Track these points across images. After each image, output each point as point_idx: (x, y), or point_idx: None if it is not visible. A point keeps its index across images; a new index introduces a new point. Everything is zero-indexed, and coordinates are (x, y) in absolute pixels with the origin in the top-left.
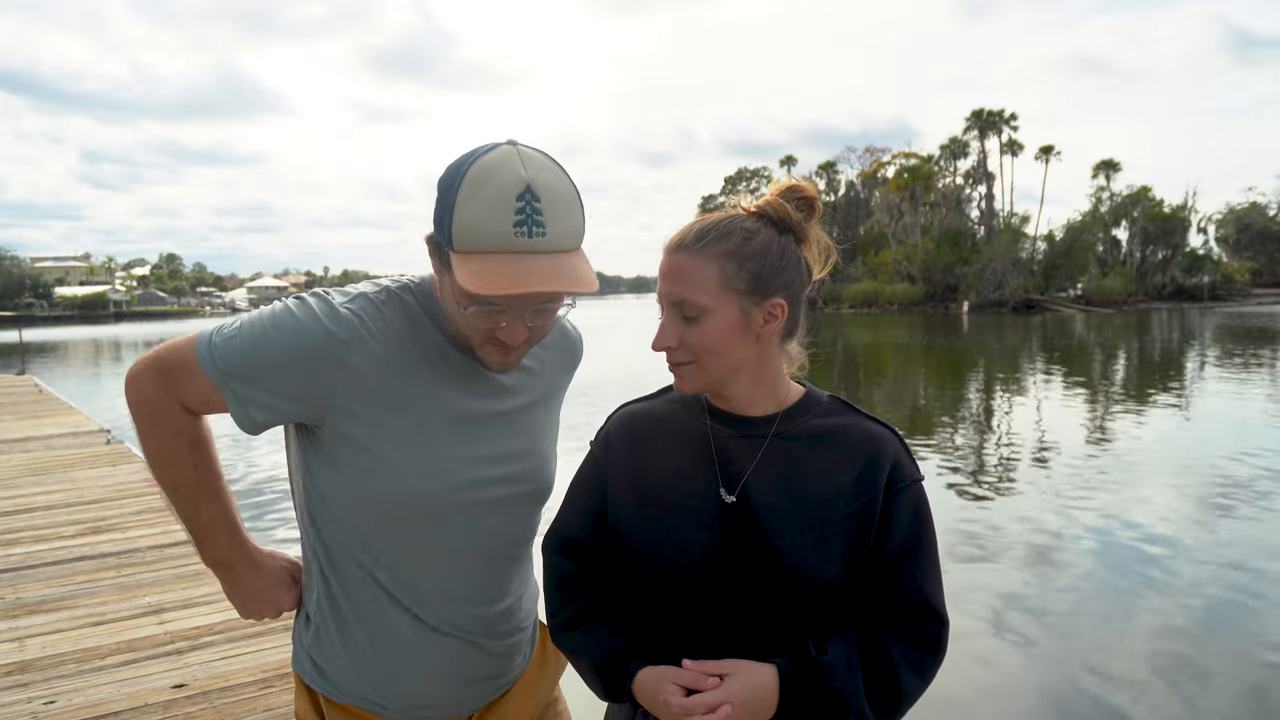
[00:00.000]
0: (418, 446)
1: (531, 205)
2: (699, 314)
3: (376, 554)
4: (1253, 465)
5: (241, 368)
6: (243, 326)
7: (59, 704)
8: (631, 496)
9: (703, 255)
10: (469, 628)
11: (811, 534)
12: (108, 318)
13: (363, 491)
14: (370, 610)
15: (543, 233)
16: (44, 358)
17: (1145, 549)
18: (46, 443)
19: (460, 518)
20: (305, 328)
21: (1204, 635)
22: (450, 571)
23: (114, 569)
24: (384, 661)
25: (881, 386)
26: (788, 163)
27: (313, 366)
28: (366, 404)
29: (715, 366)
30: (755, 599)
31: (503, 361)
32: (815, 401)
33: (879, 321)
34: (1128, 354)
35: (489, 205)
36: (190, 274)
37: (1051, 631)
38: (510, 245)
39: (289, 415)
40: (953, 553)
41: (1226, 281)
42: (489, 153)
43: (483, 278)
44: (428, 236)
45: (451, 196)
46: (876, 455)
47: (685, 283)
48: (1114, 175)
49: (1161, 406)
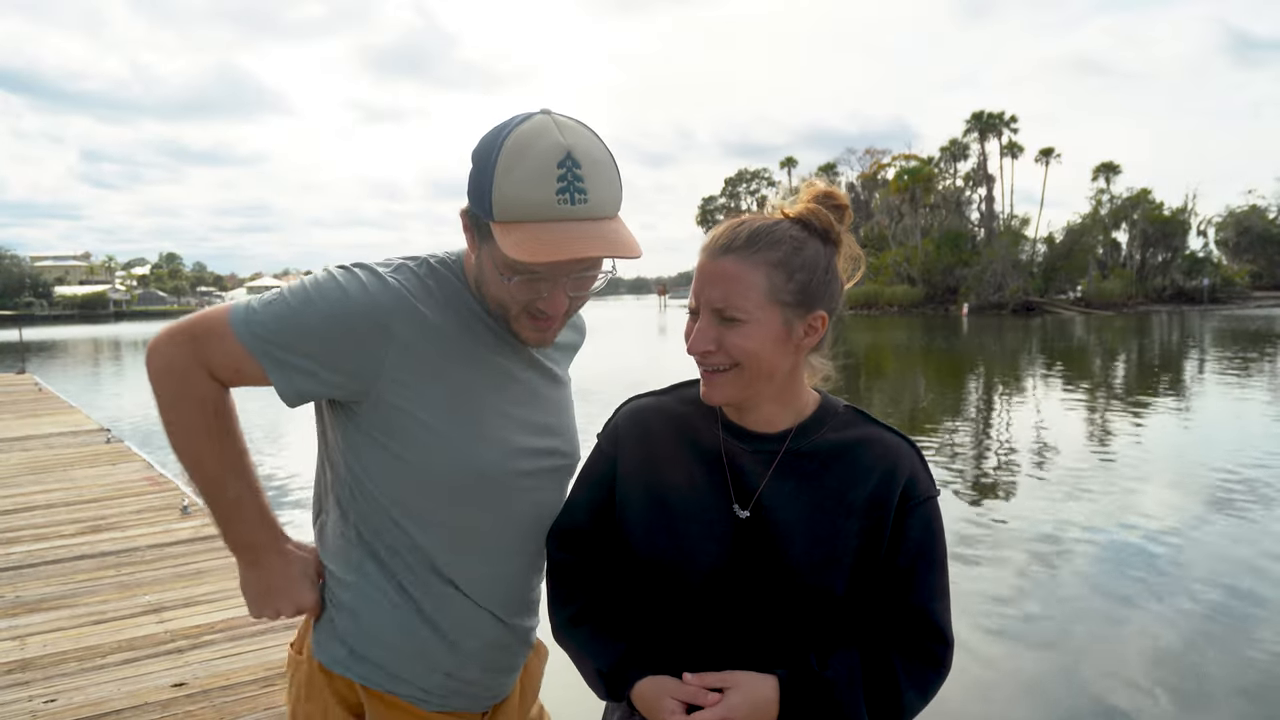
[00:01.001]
0: (467, 416)
1: (573, 172)
2: (741, 321)
3: (423, 528)
4: (1252, 467)
5: (281, 334)
6: (283, 293)
7: (59, 702)
8: (641, 496)
9: (752, 262)
10: (506, 604)
11: (822, 549)
12: (108, 317)
13: (411, 463)
14: (417, 586)
15: (584, 199)
16: (44, 357)
17: (1145, 550)
18: (46, 441)
19: (505, 489)
20: (351, 295)
21: (1204, 637)
22: (494, 543)
23: (114, 568)
24: (432, 639)
25: (881, 388)
26: (788, 164)
27: (361, 334)
28: (415, 373)
29: (753, 374)
30: (762, 610)
31: (540, 336)
32: (831, 413)
33: (879, 323)
34: (1127, 356)
35: (530, 173)
36: (190, 274)
37: (1051, 633)
38: (554, 213)
39: (332, 387)
40: (952, 553)
41: (1226, 284)
42: (524, 122)
43: (528, 245)
44: (463, 211)
45: (490, 167)
46: (892, 471)
47: (731, 289)
48: (1114, 178)
49: (1161, 409)
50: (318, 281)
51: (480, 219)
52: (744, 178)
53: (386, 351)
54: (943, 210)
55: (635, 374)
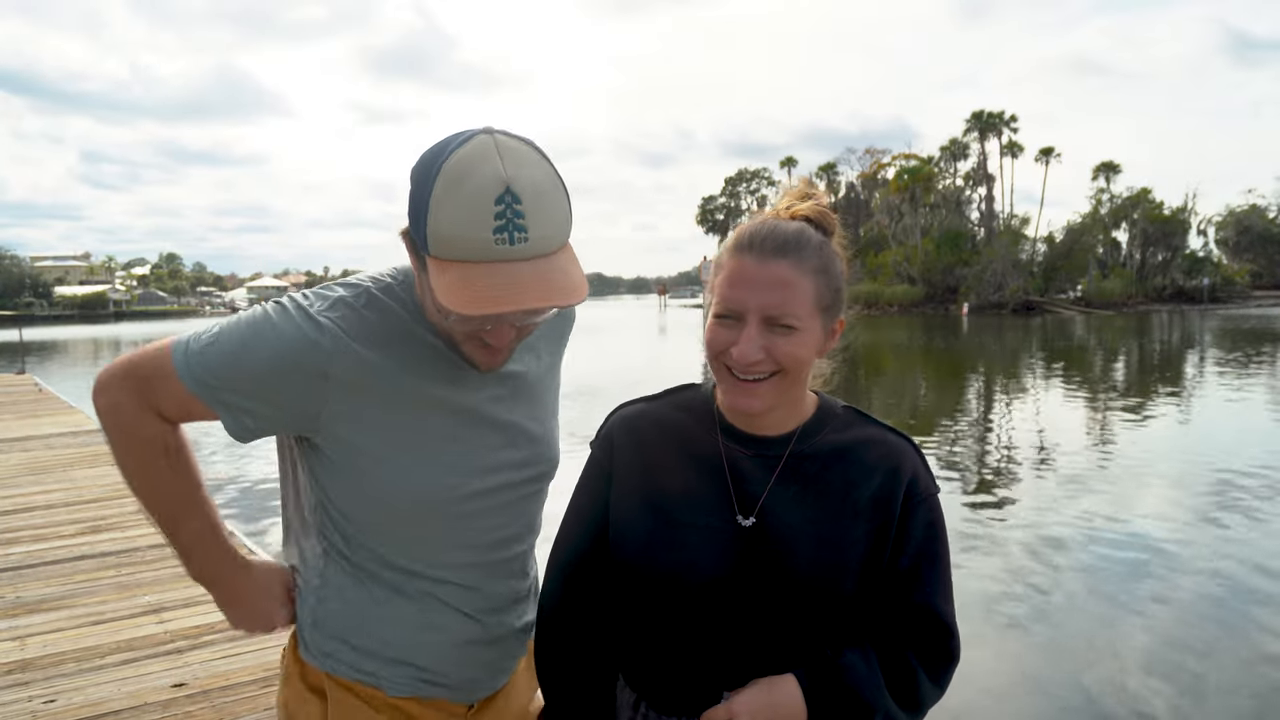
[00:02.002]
0: (415, 448)
1: (512, 209)
2: (794, 329)
3: (385, 541)
4: (1252, 466)
5: (224, 377)
6: (220, 335)
7: (59, 703)
8: (637, 506)
9: (803, 269)
10: (478, 608)
11: (829, 554)
12: (107, 317)
13: (366, 489)
14: (384, 588)
15: (525, 238)
16: (44, 357)
17: (1145, 550)
18: (46, 442)
19: (461, 513)
20: (285, 339)
21: (1204, 636)
22: (459, 558)
23: (114, 568)
24: (400, 636)
25: (881, 388)
26: (788, 164)
27: (297, 379)
28: (357, 410)
29: (792, 380)
30: (766, 619)
31: (489, 361)
32: (831, 415)
33: (879, 323)
34: (1128, 356)
35: (465, 210)
36: (190, 274)
37: (1050, 631)
38: (490, 254)
39: (280, 424)
40: (951, 553)
41: (1226, 284)
42: (464, 144)
43: (461, 294)
44: (403, 231)
45: (426, 195)
46: (895, 471)
47: (789, 296)
48: (1114, 177)
49: (1161, 408)
50: (254, 321)
51: (417, 248)
52: (744, 177)
53: (327, 392)
54: (943, 210)
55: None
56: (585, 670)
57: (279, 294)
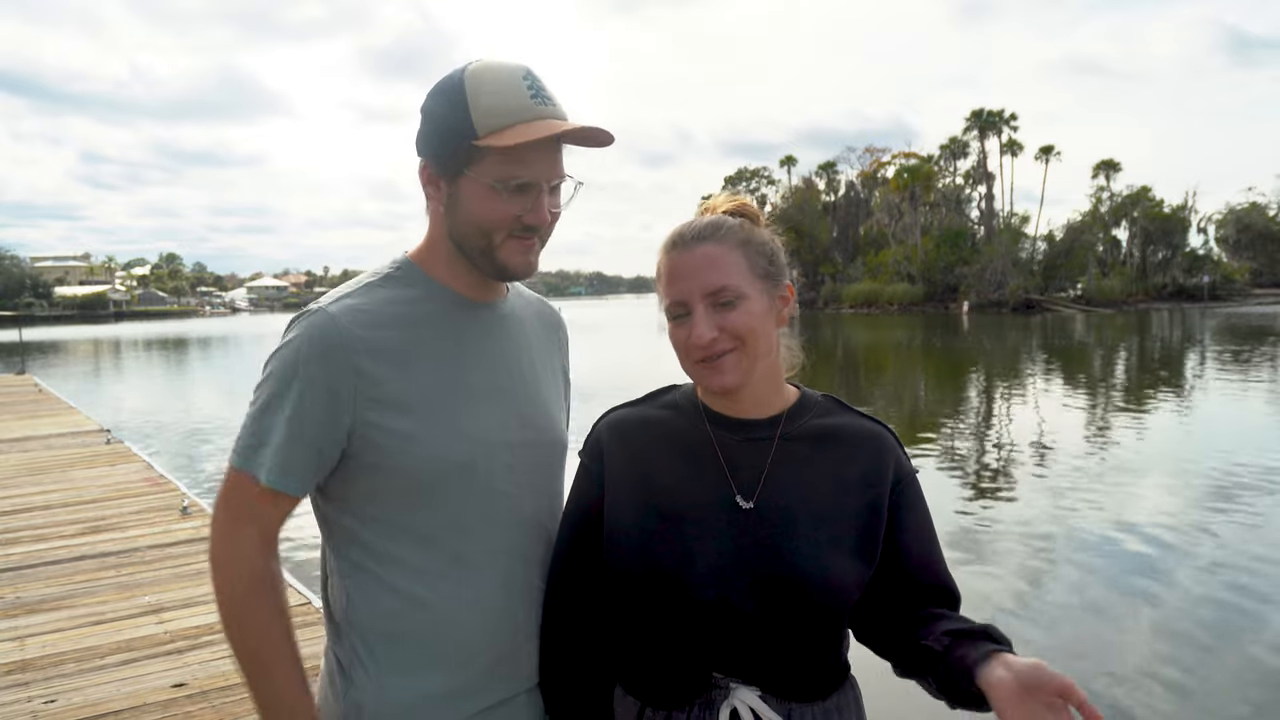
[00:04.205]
0: (443, 415)
1: (535, 84)
2: (737, 300)
3: (413, 532)
4: (1252, 465)
5: (296, 462)
6: (263, 416)
7: (59, 703)
8: (630, 508)
9: (725, 244)
10: (509, 587)
11: (825, 531)
12: (107, 317)
13: (394, 472)
14: (420, 578)
15: (552, 104)
16: (44, 357)
17: (1144, 549)
18: (46, 442)
19: (490, 481)
20: (310, 363)
21: (1203, 635)
22: (486, 535)
23: (114, 568)
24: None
25: (882, 387)
26: (788, 163)
27: (335, 391)
28: (386, 390)
29: (753, 351)
30: (772, 603)
31: (526, 259)
32: (812, 402)
33: (879, 322)
34: (1128, 354)
35: (502, 86)
36: (190, 274)
37: (1049, 631)
38: (534, 112)
39: (338, 446)
40: (951, 553)
41: (1226, 282)
42: (469, 65)
43: (522, 134)
44: (422, 166)
45: (459, 96)
46: (879, 451)
47: (720, 270)
48: (1114, 175)
49: (1161, 406)
50: (281, 377)
51: (457, 150)
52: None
53: (359, 383)
54: (942, 208)
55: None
56: (585, 678)
57: (279, 294)
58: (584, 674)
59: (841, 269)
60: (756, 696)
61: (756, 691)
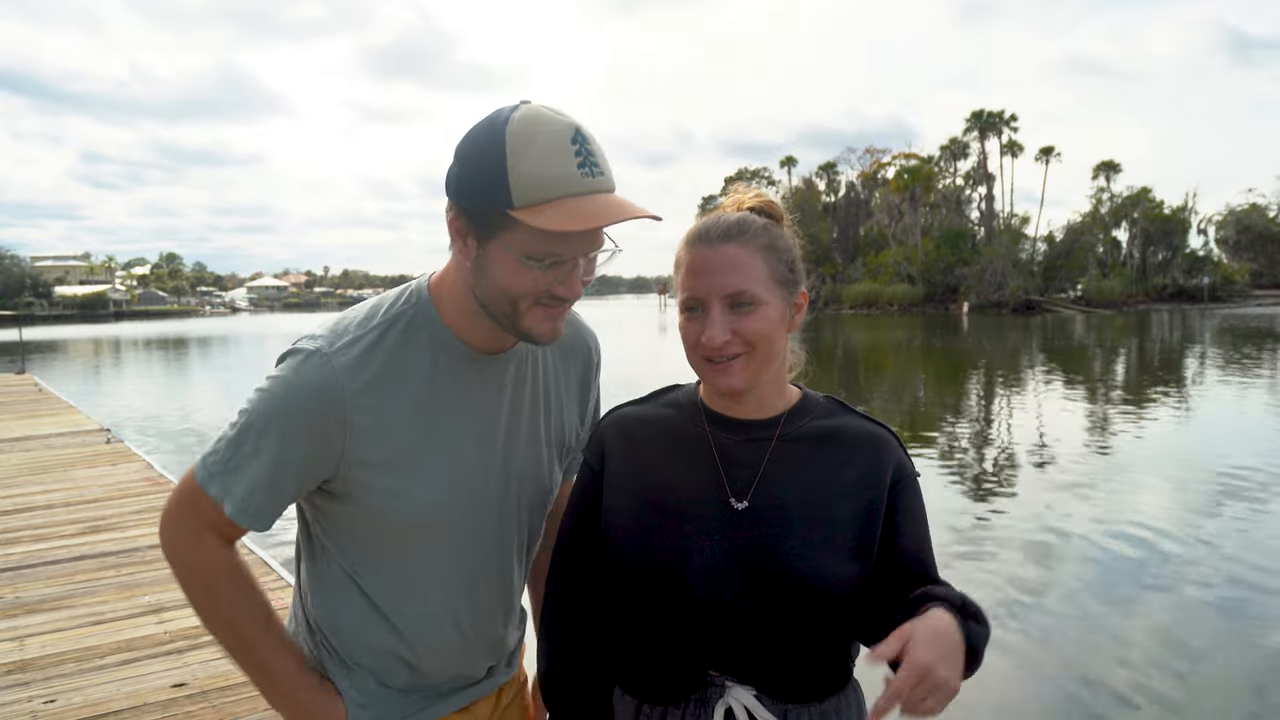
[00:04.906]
0: (430, 473)
1: (585, 148)
2: (753, 305)
3: (383, 560)
4: (1252, 465)
5: (262, 497)
6: (242, 442)
7: (59, 703)
8: (628, 504)
9: (750, 247)
10: (473, 623)
11: (820, 532)
12: (108, 317)
13: (378, 521)
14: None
15: (600, 172)
16: (44, 357)
17: (1144, 548)
18: (46, 442)
19: (471, 528)
20: (300, 408)
21: (1202, 634)
22: (458, 572)
23: (114, 568)
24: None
25: (881, 387)
26: (788, 163)
27: (321, 436)
28: (378, 444)
29: (765, 356)
30: (764, 603)
31: (553, 326)
32: (814, 403)
33: (879, 322)
34: (1128, 355)
35: (547, 151)
36: (190, 274)
37: (1049, 630)
38: (580, 186)
39: (309, 486)
40: (951, 552)
41: (1226, 283)
42: (517, 109)
43: (565, 218)
44: (454, 214)
45: (500, 154)
46: (879, 453)
47: (741, 274)
48: (1114, 176)
49: (1161, 407)
50: (268, 413)
51: (490, 213)
52: (744, 176)
53: (347, 439)
54: (943, 209)
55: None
56: (587, 676)
57: (279, 294)
58: (586, 672)
59: (841, 270)
60: (752, 696)
61: (752, 691)
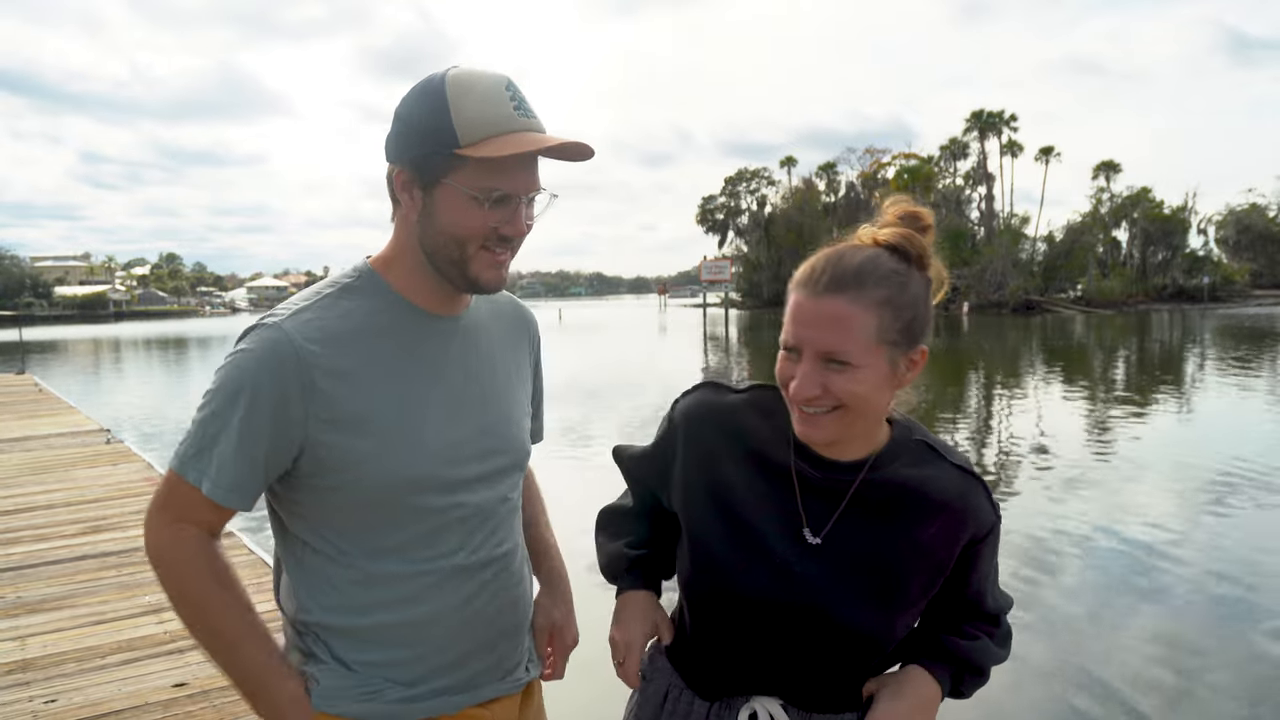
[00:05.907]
0: (401, 433)
1: (517, 95)
2: (848, 366)
3: (366, 546)
4: (1252, 464)
5: (240, 472)
6: (207, 428)
7: (60, 703)
8: (705, 498)
9: (862, 303)
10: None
11: (882, 585)
12: (108, 317)
13: (349, 491)
14: (384, 579)
15: (533, 115)
16: (44, 357)
17: (1143, 548)
18: (46, 442)
19: (449, 495)
20: (260, 380)
21: (1202, 634)
22: (442, 548)
23: (114, 568)
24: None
25: None
26: (788, 163)
27: (287, 404)
28: (340, 403)
29: (856, 414)
30: (807, 639)
31: (498, 274)
32: (903, 447)
33: None
34: (1128, 355)
35: (486, 96)
36: (190, 274)
37: (1049, 630)
38: (517, 124)
39: (282, 462)
40: None
41: (1226, 283)
42: (449, 71)
43: (508, 145)
44: (396, 171)
45: (441, 104)
46: (961, 514)
47: (842, 333)
48: (1114, 176)
49: (1161, 406)
50: (228, 388)
51: (435, 157)
52: (744, 177)
53: (310, 400)
54: (943, 209)
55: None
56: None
57: (279, 294)
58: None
59: None
60: (778, 705)
61: (779, 701)
